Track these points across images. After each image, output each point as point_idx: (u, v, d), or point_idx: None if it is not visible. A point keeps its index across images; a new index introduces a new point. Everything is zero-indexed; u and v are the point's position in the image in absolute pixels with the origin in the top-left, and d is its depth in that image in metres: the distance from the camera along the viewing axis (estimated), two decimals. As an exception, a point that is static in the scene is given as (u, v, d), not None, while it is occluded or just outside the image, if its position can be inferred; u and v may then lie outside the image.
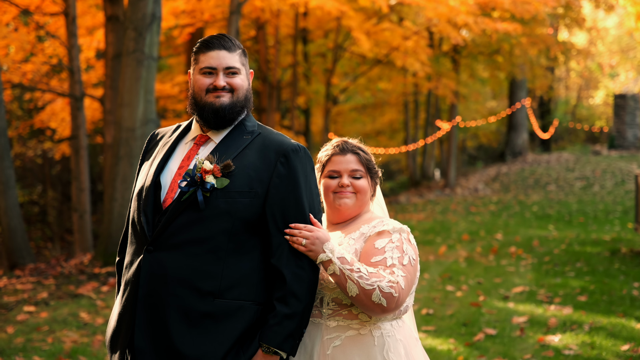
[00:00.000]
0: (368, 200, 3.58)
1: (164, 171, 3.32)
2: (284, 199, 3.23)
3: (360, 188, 3.52)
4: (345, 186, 3.52)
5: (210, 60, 3.34)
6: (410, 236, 3.43)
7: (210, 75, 3.35)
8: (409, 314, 3.57)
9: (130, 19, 11.19)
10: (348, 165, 3.54)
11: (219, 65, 3.34)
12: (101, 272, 11.04)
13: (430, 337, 8.27)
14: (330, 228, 3.59)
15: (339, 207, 3.52)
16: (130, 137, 11.16)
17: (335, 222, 3.59)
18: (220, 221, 3.17)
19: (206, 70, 3.35)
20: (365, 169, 3.55)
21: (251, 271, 3.22)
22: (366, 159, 3.56)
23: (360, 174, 3.54)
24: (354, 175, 3.54)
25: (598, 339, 7.88)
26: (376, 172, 3.61)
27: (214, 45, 3.35)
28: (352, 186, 3.52)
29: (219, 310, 3.15)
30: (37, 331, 8.60)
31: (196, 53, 3.40)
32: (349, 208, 3.52)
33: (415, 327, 3.64)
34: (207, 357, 3.11)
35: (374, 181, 3.60)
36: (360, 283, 3.17)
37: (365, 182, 3.54)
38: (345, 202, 3.51)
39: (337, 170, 3.54)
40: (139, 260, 3.20)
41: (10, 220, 12.05)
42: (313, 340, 3.36)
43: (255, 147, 3.30)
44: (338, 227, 3.56)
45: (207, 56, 3.35)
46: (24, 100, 23.93)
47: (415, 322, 3.72)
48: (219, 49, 3.35)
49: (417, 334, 3.60)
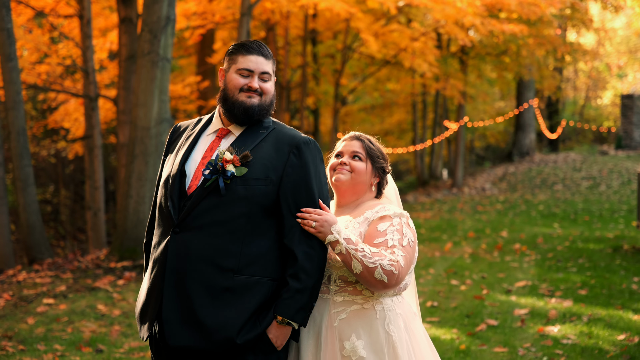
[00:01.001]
0: (366, 183, 3.91)
1: (188, 161, 3.68)
2: (296, 185, 3.60)
3: (355, 167, 3.87)
4: (343, 164, 3.87)
5: (248, 63, 3.70)
6: (409, 220, 3.78)
7: (247, 77, 3.70)
8: (409, 291, 3.91)
9: (146, 22, 11.54)
10: (351, 147, 3.92)
11: (256, 69, 3.71)
12: (117, 267, 11.39)
13: (434, 328, 8.60)
14: (337, 213, 3.92)
15: (335, 183, 3.88)
16: (145, 135, 11.51)
17: (339, 203, 3.94)
18: (239, 205, 3.53)
19: (244, 71, 3.70)
20: (365, 154, 3.90)
21: (267, 250, 3.58)
22: (369, 147, 3.92)
23: (359, 156, 3.89)
24: (353, 156, 3.90)
25: (596, 330, 8.20)
26: (380, 161, 3.95)
27: (254, 50, 3.72)
28: (349, 165, 3.87)
29: (238, 285, 3.52)
30: (57, 322, 8.93)
31: (234, 53, 3.75)
32: (343, 184, 3.87)
33: (415, 303, 3.99)
34: (227, 327, 3.47)
35: (376, 167, 3.93)
36: (364, 261, 3.53)
37: (362, 165, 3.88)
38: (339, 177, 3.86)
39: (341, 151, 3.93)
40: (166, 241, 3.56)
41: (29, 217, 12.43)
42: (321, 313, 3.71)
43: (270, 140, 3.67)
44: (344, 212, 3.90)
45: (246, 59, 3.71)
46: (37, 100, 24.34)
47: (417, 300, 4.05)
48: (258, 55, 3.72)
49: (416, 309, 3.95)
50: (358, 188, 3.91)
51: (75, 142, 20.86)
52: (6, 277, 11.49)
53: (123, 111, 15.12)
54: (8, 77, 12.29)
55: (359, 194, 3.92)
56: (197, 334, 3.48)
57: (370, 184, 3.94)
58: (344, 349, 3.61)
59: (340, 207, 3.95)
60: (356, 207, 3.90)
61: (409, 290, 3.92)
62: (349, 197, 3.92)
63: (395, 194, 4.06)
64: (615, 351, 7.43)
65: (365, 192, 3.93)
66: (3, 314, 9.34)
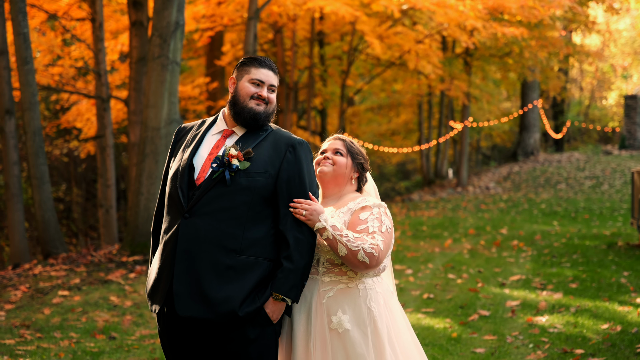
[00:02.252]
0: (346, 176, 4.44)
1: (195, 156, 4.23)
2: (290, 178, 4.16)
3: (336, 161, 4.42)
4: (326, 158, 4.44)
5: (261, 75, 4.27)
6: (387, 210, 4.33)
7: (257, 86, 4.27)
8: (386, 272, 4.44)
9: (156, 27, 12.04)
10: (334, 145, 4.48)
11: (266, 81, 4.28)
12: (128, 261, 11.91)
13: (429, 318, 9.09)
14: (322, 204, 4.45)
15: (320, 175, 4.43)
16: (156, 135, 12.02)
17: (324, 194, 4.48)
18: (242, 195, 4.08)
19: (256, 81, 4.27)
20: (346, 151, 4.45)
21: (265, 234, 4.13)
22: (350, 145, 4.47)
23: (341, 152, 4.44)
24: (335, 152, 4.45)
25: (581, 320, 8.66)
26: (359, 158, 4.49)
27: (266, 65, 4.30)
28: (332, 159, 4.42)
29: (240, 264, 4.06)
30: (72, 312, 9.44)
31: (247, 65, 4.32)
32: (326, 175, 4.41)
33: (392, 283, 4.51)
34: (230, 301, 4.00)
35: (355, 163, 4.46)
36: (349, 245, 4.06)
37: (343, 159, 4.43)
38: (322, 169, 4.42)
39: (326, 149, 4.50)
40: (177, 225, 4.10)
41: (44, 213, 12.96)
42: (311, 292, 4.24)
43: (269, 140, 4.24)
44: (329, 203, 4.45)
45: (259, 71, 4.28)
46: (50, 101, 24.88)
47: (393, 281, 4.56)
48: (268, 69, 4.30)
49: (393, 289, 4.47)
50: (339, 180, 4.44)
51: (87, 141, 21.37)
52: (22, 271, 12.02)
53: (134, 112, 15.62)
54: (24, 80, 12.82)
55: (340, 186, 4.45)
56: (204, 306, 4.01)
57: (350, 177, 4.47)
58: (332, 322, 4.13)
59: (325, 198, 4.48)
60: (339, 199, 4.43)
61: (386, 272, 4.45)
62: (331, 188, 4.46)
63: (374, 190, 4.58)
64: (598, 339, 7.89)
65: (345, 184, 4.46)
66: (20, 305, 9.85)
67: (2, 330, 8.62)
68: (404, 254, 14.05)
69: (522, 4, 19.84)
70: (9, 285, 10.97)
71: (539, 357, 7.40)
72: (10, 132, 13.63)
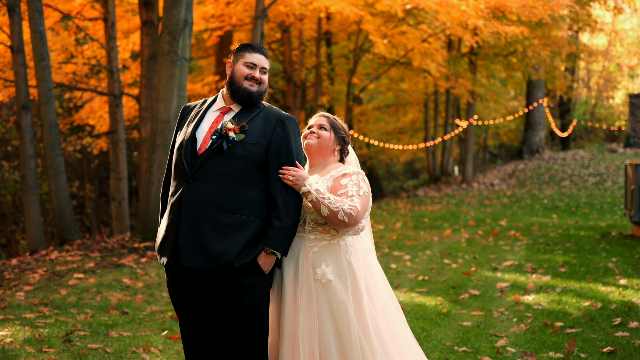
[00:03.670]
0: (329, 148, 5.05)
1: (198, 130, 4.85)
2: (279, 149, 4.76)
3: (321, 135, 5.03)
4: (312, 132, 5.05)
5: (254, 59, 4.89)
6: (364, 177, 4.93)
7: (251, 69, 4.88)
8: (365, 232, 5.04)
9: (165, 24, 12.64)
10: (319, 121, 5.09)
11: (258, 64, 4.89)
12: (140, 247, 12.51)
13: (422, 296, 9.65)
14: (309, 172, 5.05)
15: (306, 147, 5.04)
16: (165, 128, 12.61)
17: (310, 164, 5.09)
18: (238, 162, 4.68)
19: (249, 64, 4.88)
20: (330, 126, 5.06)
21: (258, 197, 4.73)
22: (333, 121, 5.08)
23: (325, 127, 5.05)
24: (320, 127, 5.06)
25: (565, 298, 9.20)
26: (341, 132, 5.09)
27: (258, 50, 4.93)
28: (317, 133, 5.03)
29: (236, 222, 4.66)
30: (87, 292, 10.02)
31: (242, 50, 4.93)
32: (312, 147, 5.03)
33: (371, 242, 5.12)
34: (228, 254, 4.60)
35: (338, 137, 5.07)
36: (330, 206, 4.67)
37: (327, 133, 5.03)
38: (309, 142, 5.03)
39: (312, 125, 5.11)
40: (182, 189, 4.71)
41: (60, 202, 13.59)
42: (299, 247, 4.85)
43: (261, 115, 4.85)
44: (314, 172, 5.04)
45: (252, 55, 4.90)
46: (63, 99, 25.53)
47: (372, 240, 5.15)
48: (260, 54, 4.92)
49: (371, 247, 5.07)
50: (323, 151, 5.04)
51: (100, 137, 21.98)
52: (40, 256, 12.64)
53: (145, 108, 16.19)
54: (40, 75, 13.46)
55: (324, 156, 5.05)
56: (205, 258, 4.62)
57: (333, 149, 5.07)
58: (316, 274, 4.74)
59: (311, 168, 5.09)
60: (324, 168, 5.03)
61: (365, 231, 5.05)
62: (317, 158, 5.06)
63: (355, 161, 5.18)
64: (578, 314, 8.43)
65: (329, 155, 5.06)
66: (38, 286, 10.44)
67: (22, 307, 9.20)
68: (404, 242, 14.61)
69: (523, 3, 20.35)
70: (27, 269, 11.57)
71: (521, 329, 7.95)
72: (26, 126, 14.30)
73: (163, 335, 7.90)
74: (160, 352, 7.23)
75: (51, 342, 7.41)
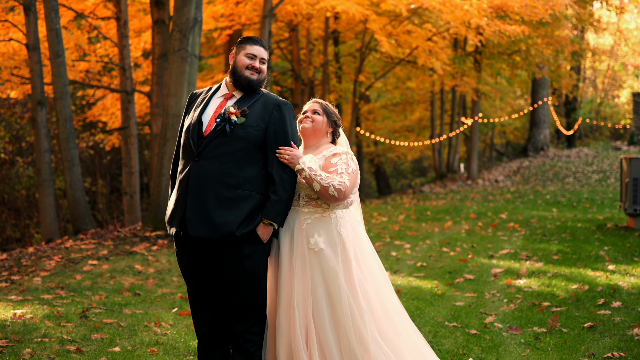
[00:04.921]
0: (322, 130, 5.58)
1: (203, 114, 5.38)
2: (276, 131, 5.29)
3: (314, 119, 5.57)
4: (307, 117, 5.58)
5: (254, 50, 5.43)
6: (353, 157, 5.46)
7: (251, 59, 5.41)
8: (354, 206, 5.58)
9: (176, 23, 13.17)
10: (312, 107, 5.62)
11: (258, 54, 5.42)
12: (151, 235, 13.06)
13: (419, 280, 10.16)
14: (304, 153, 5.58)
15: (301, 131, 5.58)
16: (176, 122, 13.15)
17: (305, 145, 5.62)
18: (239, 143, 5.21)
19: (250, 55, 5.42)
20: (322, 111, 5.59)
21: (257, 174, 5.26)
22: (325, 106, 5.62)
23: (318, 112, 5.58)
24: (314, 112, 5.59)
25: (555, 282, 9.68)
26: (332, 116, 5.62)
27: (258, 42, 5.47)
28: (311, 117, 5.57)
29: (238, 196, 5.19)
30: (101, 277, 10.57)
31: (243, 43, 5.47)
32: (306, 130, 5.57)
33: (360, 215, 5.65)
34: (230, 224, 5.14)
35: (330, 120, 5.60)
36: (321, 182, 5.20)
37: (320, 117, 5.57)
38: (304, 126, 5.58)
39: (306, 110, 5.64)
40: (189, 167, 5.24)
41: (74, 193, 14.18)
42: (294, 219, 5.38)
43: (260, 101, 5.39)
44: (308, 152, 5.57)
45: (252, 47, 5.44)
46: (76, 96, 26.11)
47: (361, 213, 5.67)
48: (260, 46, 5.46)
49: (360, 219, 5.59)
50: (317, 134, 5.58)
51: (112, 133, 22.53)
52: (55, 245, 13.21)
53: (156, 104, 16.73)
54: (56, 71, 14.03)
55: (318, 138, 5.59)
56: (209, 228, 5.15)
57: (326, 132, 5.61)
58: (309, 243, 5.27)
59: (306, 149, 5.62)
60: (317, 149, 5.57)
61: (354, 206, 5.60)
62: (311, 140, 5.60)
63: (346, 143, 5.71)
64: (565, 295, 8.92)
65: (322, 137, 5.60)
66: (54, 272, 10.99)
67: (39, 290, 9.76)
68: (405, 232, 15.11)
69: (524, 3, 20.79)
70: (43, 257, 12.13)
71: (510, 308, 8.45)
72: (42, 122, 14.89)
73: (173, 312, 8.45)
74: (170, 326, 7.77)
75: (69, 318, 7.96)
